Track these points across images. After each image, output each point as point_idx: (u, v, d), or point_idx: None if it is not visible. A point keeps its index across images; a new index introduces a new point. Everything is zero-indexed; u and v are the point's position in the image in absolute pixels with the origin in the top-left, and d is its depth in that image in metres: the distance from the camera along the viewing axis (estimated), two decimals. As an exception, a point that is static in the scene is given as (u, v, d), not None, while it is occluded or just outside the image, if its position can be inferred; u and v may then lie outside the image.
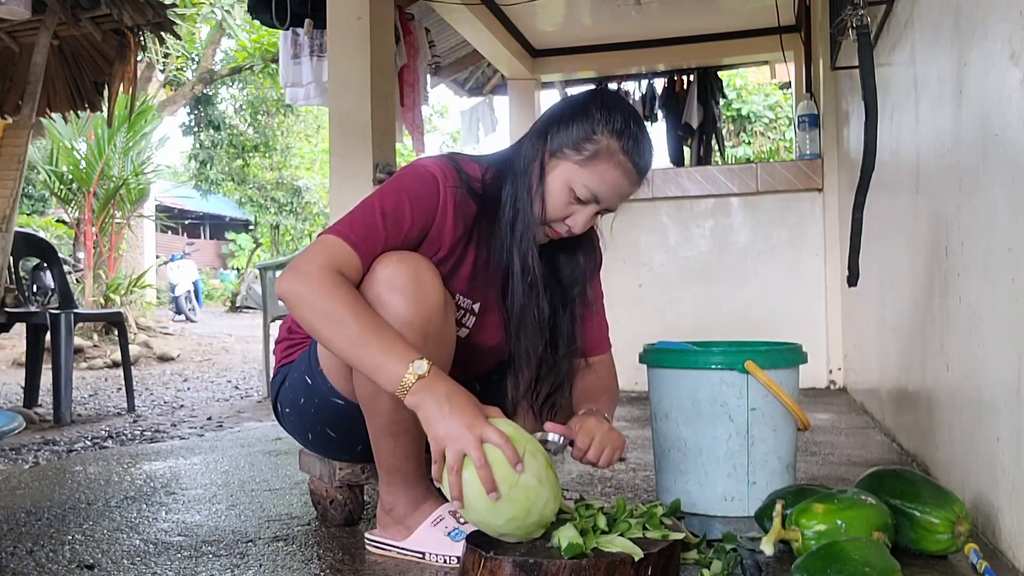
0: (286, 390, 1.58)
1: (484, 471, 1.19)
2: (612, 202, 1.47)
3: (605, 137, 1.41)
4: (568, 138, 1.42)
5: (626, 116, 1.43)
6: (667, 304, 4.28)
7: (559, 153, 1.43)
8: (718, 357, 1.71)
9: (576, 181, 1.42)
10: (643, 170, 1.45)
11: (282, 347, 1.64)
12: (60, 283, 4.13)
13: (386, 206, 1.38)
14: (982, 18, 1.48)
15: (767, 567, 1.39)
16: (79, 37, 4.06)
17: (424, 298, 1.33)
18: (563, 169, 1.42)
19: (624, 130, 1.41)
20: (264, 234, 18.60)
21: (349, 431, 1.49)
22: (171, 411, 4.21)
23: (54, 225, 11.07)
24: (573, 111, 1.44)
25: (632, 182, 1.45)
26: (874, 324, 2.95)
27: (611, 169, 1.42)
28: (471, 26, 5.35)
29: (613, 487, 2.06)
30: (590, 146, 1.41)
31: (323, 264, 1.30)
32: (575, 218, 1.46)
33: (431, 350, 1.34)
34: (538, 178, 1.43)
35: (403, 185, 1.42)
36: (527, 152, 1.45)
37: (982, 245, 1.49)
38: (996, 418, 1.42)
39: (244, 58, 12.92)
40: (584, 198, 1.43)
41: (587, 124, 1.41)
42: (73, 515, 1.90)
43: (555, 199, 1.43)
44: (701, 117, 6.88)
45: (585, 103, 1.45)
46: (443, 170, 1.44)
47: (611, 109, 1.43)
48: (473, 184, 1.47)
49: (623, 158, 1.42)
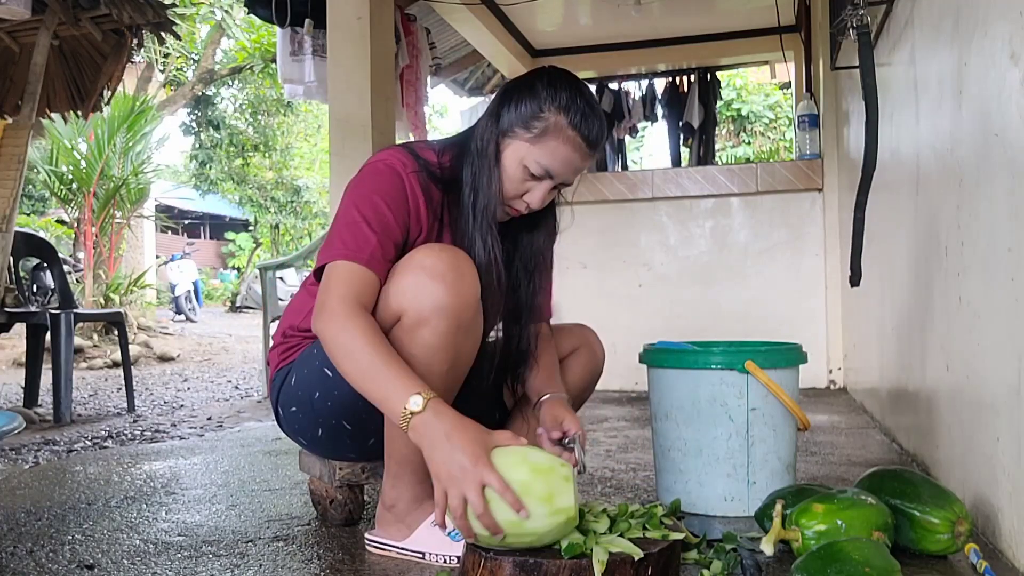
0: (291, 389, 1.58)
1: (485, 518, 1.17)
2: (566, 176, 1.49)
3: (552, 113, 1.44)
4: (518, 117, 1.45)
5: (572, 91, 1.46)
6: (667, 304, 4.28)
7: (511, 132, 1.46)
8: (718, 357, 1.72)
9: (529, 158, 1.45)
10: (593, 143, 1.48)
11: (279, 351, 1.64)
12: (60, 283, 4.13)
13: (365, 213, 1.42)
14: (982, 18, 1.48)
15: (767, 567, 1.39)
16: (79, 37, 4.06)
17: (461, 287, 1.35)
18: (516, 148, 1.46)
19: (570, 105, 1.44)
20: (264, 234, 18.59)
21: (366, 422, 1.49)
22: (171, 411, 4.21)
23: (54, 225, 11.05)
24: (521, 90, 1.47)
25: (583, 156, 1.48)
26: (874, 324, 2.95)
27: (561, 145, 1.45)
28: (471, 26, 5.35)
29: (613, 487, 2.06)
30: (539, 123, 1.44)
31: (341, 295, 1.35)
32: (532, 194, 1.49)
33: (461, 340, 1.38)
34: (494, 158, 1.47)
35: (370, 187, 1.45)
36: (481, 134, 1.49)
37: (982, 245, 1.49)
38: (996, 418, 1.42)
39: (244, 58, 12.92)
40: (538, 174, 1.46)
41: (534, 102, 1.45)
42: (73, 515, 1.90)
43: (510, 177, 1.47)
44: (702, 117, 6.88)
45: (531, 81, 1.48)
46: (400, 159, 1.48)
47: (556, 85, 1.46)
48: (432, 169, 1.50)
49: (572, 133, 1.44)
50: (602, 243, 4.34)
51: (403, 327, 1.36)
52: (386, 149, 1.53)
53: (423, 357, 1.36)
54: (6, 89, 4.21)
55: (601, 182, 4.38)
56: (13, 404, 4.34)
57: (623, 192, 4.33)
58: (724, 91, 13.14)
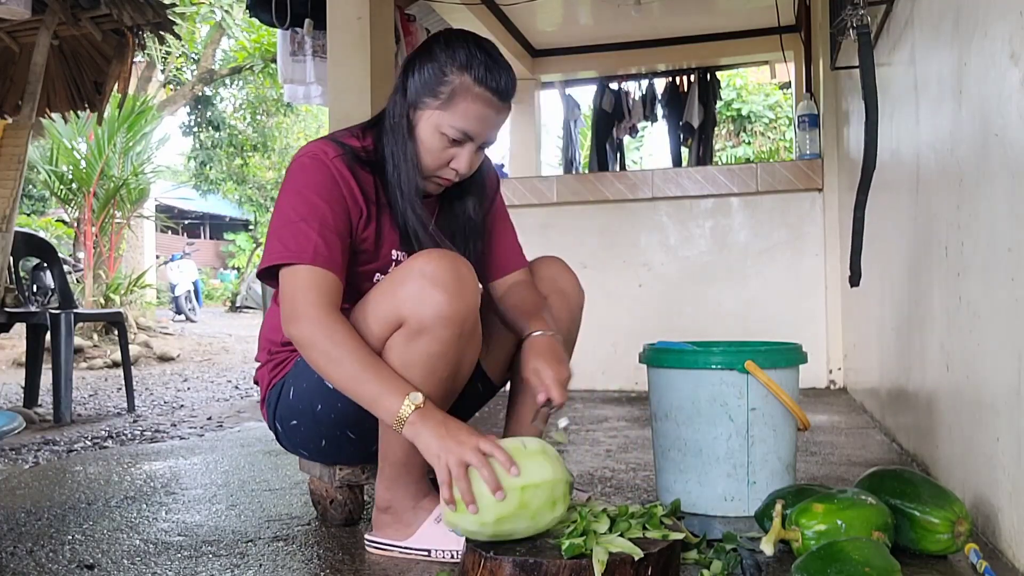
0: (290, 403, 1.56)
1: (487, 471, 1.23)
2: (486, 135, 1.48)
3: (455, 74, 1.42)
4: (423, 85, 1.44)
5: (470, 47, 1.44)
6: (667, 304, 4.28)
7: (419, 103, 1.45)
8: (718, 357, 1.72)
9: (444, 125, 1.44)
10: (505, 93, 1.45)
11: (267, 369, 1.62)
12: (60, 283, 4.13)
13: (299, 210, 1.41)
14: (982, 18, 1.48)
15: (767, 567, 1.39)
16: (79, 37, 4.06)
17: (463, 294, 1.35)
18: (428, 117, 1.45)
19: (471, 61, 1.42)
20: (264, 234, 18.56)
21: (370, 429, 1.49)
22: (171, 411, 4.21)
23: (54, 225, 11.05)
24: (421, 58, 1.46)
25: (497, 109, 1.46)
26: (874, 324, 2.95)
27: (471, 104, 1.43)
28: (471, 26, 5.35)
29: (613, 487, 2.06)
30: (444, 88, 1.42)
31: (313, 301, 1.35)
32: (458, 160, 1.48)
33: (464, 347, 1.38)
34: (406, 132, 1.46)
35: (298, 183, 1.44)
36: (392, 109, 1.48)
37: (982, 245, 1.49)
38: (996, 418, 1.42)
39: (244, 58, 12.92)
40: (457, 139, 1.45)
41: (435, 66, 1.43)
42: (73, 515, 1.90)
43: (430, 147, 1.46)
44: (702, 117, 6.88)
45: (429, 47, 1.47)
46: (321, 148, 1.47)
47: (453, 45, 1.44)
48: (357, 153, 1.49)
49: (479, 89, 1.42)
50: (602, 243, 4.34)
51: (404, 335, 1.35)
52: (308, 143, 1.52)
53: (425, 365, 1.35)
54: (6, 89, 4.21)
55: (601, 182, 4.38)
56: (13, 404, 4.34)
57: (623, 192, 4.33)
58: (724, 91, 13.15)
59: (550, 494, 1.25)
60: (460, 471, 1.23)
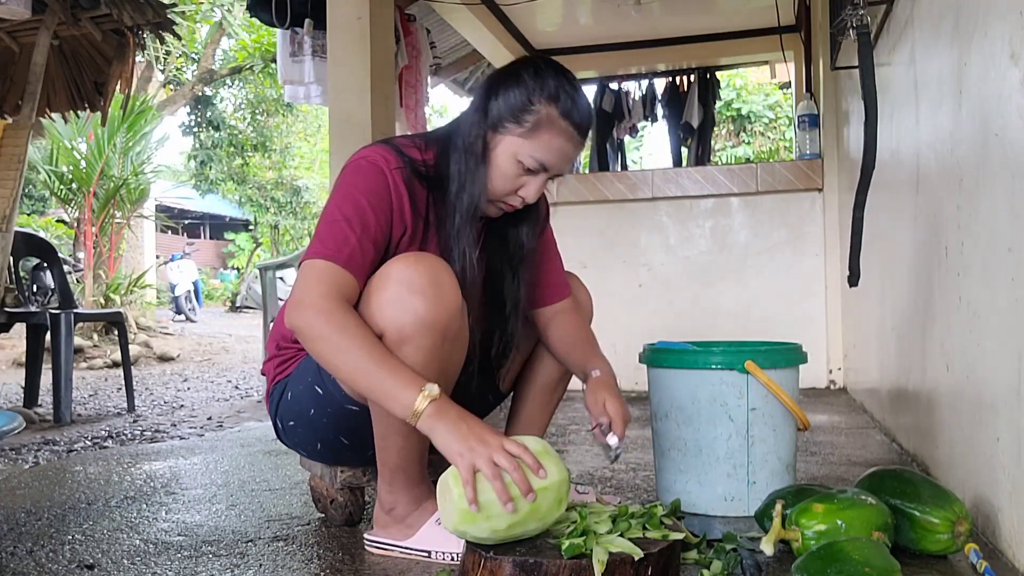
0: (289, 404, 1.56)
1: (518, 475, 1.20)
2: (560, 168, 1.47)
3: (543, 104, 1.40)
4: (507, 110, 1.41)
5: (560, 78, 1.42)
6: (667, 304, 4.28)
7: (500, 127, 1.42)
8: (718, 357, 1.72)
9: (522, 153, 1.42)
10: (584, 130, 1.46)
11: (273, 364, 1.61)
12: (60, 283, 4.13)
13: (346, 212, 1.38)
14: (982, 18, 1.48)
15: (767, 567, 1.39)
16: (79, 37, 4.06)
17: (443, 299, 1.33)
18: (508, 143, 1.42)
19: (560, 94, 1.41)
20: (264, 234, 18.60)
21: (363, 437, 1.48)
22: (171, 411, 4.21)
23: (54, 225, 11.05)
24: (507, 82, 1.43)
25: (576, 145, 1.45)
26: (874, 324, 2.95)
27: (555, 136, 1.42)
28: (471, 26, 5.35)
29: (613, 487, 2.06)
30: (530, 116, 1.40)
31: (324, 292, 1.31)
32: (527, 188, 1.46)
33: (448, 352, 1.36)
34: (481, 155, 1.43)
35: (353, 185, 1.42)
36: (468, 129, 1.45)
37: (982, 245, 1.49)
38: (996, 418, 1.42)
39: (244, 58, 12.92)
40: (533, 168, 1.43)
41: (523, 93, 1.41)
42: (73, 515, 1.90)
43: (504, 173, 1.44)
44: (701, 117, 6.88)
45: (517, 72, 1.44)
46: (383, 155, 1.44)
47: (543, 75, 1.42)
48: (417, 166, 1.47)
49: (565, 123, 1.42)
50: (602, 243, 4.34)
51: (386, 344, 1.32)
52: (369, 146, 1.49)
53: None
54: (6, 89, 4.21)
55: (601, 182, 4.38)
56: (13, 404, 4.34)
57: (623, 192, 4.33)
58: (724, 91, 13.16)
59: (557, 494, 1.25)
60: (493, 471, 1.20)
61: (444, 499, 1.25)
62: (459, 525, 1.23)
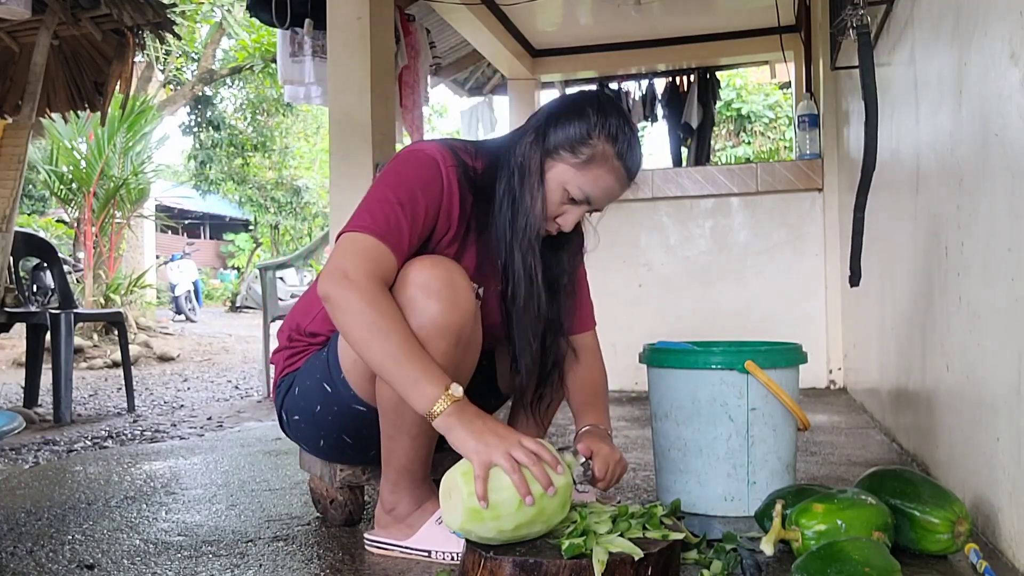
0: (295, 398, 1.57)
1: (537, 469, 1.22)
2: (603, 203, 1.50)
3: (601, 141, 1.42)
4: (565, 139, 1.43)
5: (620, 120, 1.45)
6: (667, 304, 4.28)
7: (556, 154, 1.44)
8: (718, 357, 1.72)
9: (571, 183, 1.44)
10: (634, 174, 1.49)
11: (284, 355, 1.62)
12: (60, 283, 4.13)
13: (401, 196, 1.38)
14: (982, 18, 1.48)
15: (767, 567, 1.39)
16: (79, 37, 4.06)
17: (458, 303, 1.34)
18: (559, 171, 1.44)
19: (619, 135, 1.43)
20: (264, 234, 18.60)
21: (367, 437, 1.49)
22: (171, 411, 4.21)
23: (54, 225, 11.05)
24: (570, 112, 1.45)
25: (623, 186, 1.49)
26: (874, 324, 2.95)
27: (606, 174, 1.44)
28: (471, 26, 5.35)
29: (613, 487, 2.06)
30: (587, 150, 1.42)
31: (369, 272, 1.31)
32: (566, 217, 1.48)
33: (461, 355, 1.37)
34: (538, 177, 1.44)
35: (410, 173, 1.42)
36: (524, 151, 1.46)
37: (982, 245, 1.49)
38: (996, 418, 1.42)
39: (244, 58, 12.92)
40: (578, 199, 1.46)
41: (584, 127, 1.43)
42: (73, 515, 1.90)
43: (549, 199, 1.45)
44: (701, 117, 6.88)
45: (581, 105, 1.46)
46: (442, 153, 1.46)
47: (606, 112, 1.44)
48: (469, 172, 1.48)
49: (617, 163, 1.44)
50: (602, 243, 4.31)
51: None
52: (427, 140, 1.50)
53: None
54: (6, 89, 4.21)
55: (601, 182, 4.37)
56: (13, 404, 4.34)
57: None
58: (724, 91, 13.14)
59: (562, 497, 1.25)
60: (512, 464, 1.21)
61: (450, 497, 1.25)
62: (465, 524, 1.22)
